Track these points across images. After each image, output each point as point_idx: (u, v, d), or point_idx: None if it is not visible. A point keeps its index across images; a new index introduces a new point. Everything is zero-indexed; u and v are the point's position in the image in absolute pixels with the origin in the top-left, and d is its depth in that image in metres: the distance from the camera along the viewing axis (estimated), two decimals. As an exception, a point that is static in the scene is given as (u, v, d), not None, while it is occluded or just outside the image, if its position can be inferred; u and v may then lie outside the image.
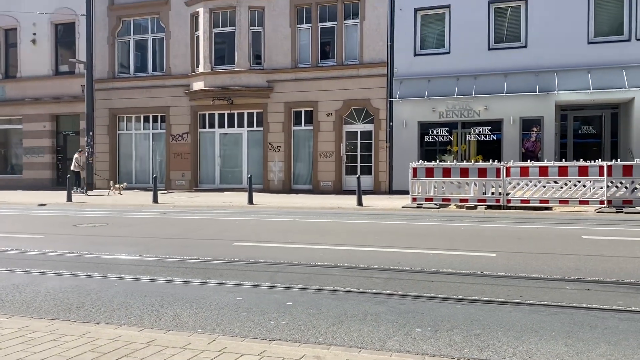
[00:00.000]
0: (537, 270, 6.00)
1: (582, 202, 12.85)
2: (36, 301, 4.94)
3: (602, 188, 12.66)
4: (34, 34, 23.14)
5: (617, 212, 12.34)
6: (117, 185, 19.68)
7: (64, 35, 23.26)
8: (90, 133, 21.54)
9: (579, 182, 12.88)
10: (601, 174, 12.64)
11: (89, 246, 8.10)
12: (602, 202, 12.65)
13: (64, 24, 23.02)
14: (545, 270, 5.97)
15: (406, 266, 6.26)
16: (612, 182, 12.65)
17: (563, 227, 10.08)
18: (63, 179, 22.32)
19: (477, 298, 4.86)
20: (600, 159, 14.79)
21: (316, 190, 19.57)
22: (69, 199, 16.78)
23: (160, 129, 22.04)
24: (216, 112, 21.12)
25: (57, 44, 23.30)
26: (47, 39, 23.04)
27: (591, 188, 12.81)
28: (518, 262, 6.51)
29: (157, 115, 22.03)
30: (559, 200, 12.98)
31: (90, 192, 20.31)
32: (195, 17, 20.92)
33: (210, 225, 10.66)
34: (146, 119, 22.34)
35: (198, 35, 20.79)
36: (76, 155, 20.58)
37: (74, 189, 19.56)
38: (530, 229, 9.79)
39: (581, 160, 13.46)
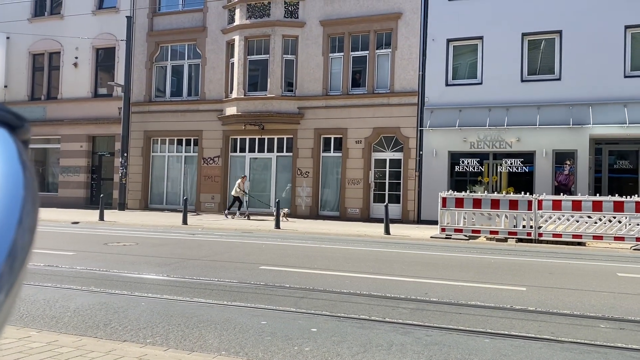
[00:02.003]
0: (570, 306, 5.82)
1: (617, 238, 12.47)
2: (65, 317, 5.03)
3: (638, 225, 12.27)
4: (76, 57, 24.04)
5: (654, 250, 11.93)
6: (283, 211, 17.91)
7: (104, 59, 24.11)
8: (125, 154, 22.07)
9: (614, 217, 12.51)
10: (637, 210, 12.27)
11: (118, 265, 8.22)
12: (638, 239, 12.24)
13: (104, 48, 23.87)
14: (578, 307, 5.78)
15: (433, 297, 6.15)
16: (649, 219, 12.26)
17: (597, 263, 9.78)
18: (97, 198, 22.80)
19: (506, 332, 4.73)
20: (636, 195, 14.36)
21: (343, 217, 19.51)
22: (101, 217, 17.12)
23: (193, 152, 22.44)
24: (247, 137, 21.43)
25: (97, 67, 24.15)
26: (88, 62, 23.91)
27: (627, 224, 12.43)
28: (549, 297, 6.32)
29: (190, 139, 22.47)
30: (593, 236, 12.63)
31: (252, 218, 19.12)
32: (230, 45, 21.43)
33: (237, 248, 10.71)
34: (179, 142, 22.80)
35: (233, 62, 21.26)
36: (239, 180, 19.61)
37: (235, 213, 19.04)
38: (562, 263, 9.53)
39: (616, 195, 13.10)
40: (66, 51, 24.24)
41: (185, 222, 16.28)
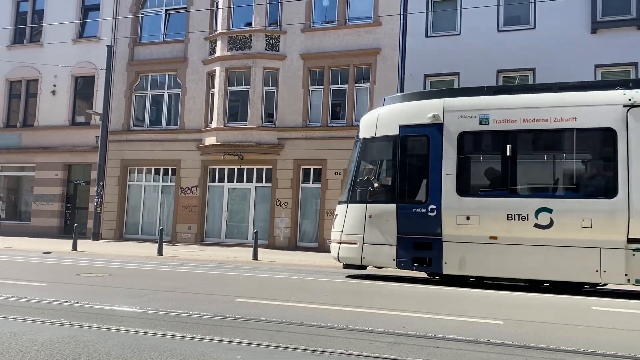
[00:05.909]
0: (546, 340, 5.83)
1: (591, 271, 12.59)
2: (32, 350, 4.85)
3: (612, 258, 12.43)
4: (54, 85, 23.88)
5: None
6: None
7: (83, 87, 23.99)
8: (101, 183, 21.77)
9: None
10: (611, 244, 12.45)
11: (90, 296, 8.00)
12: (612, 273, 12.39)
13: (83, 76, 23.78)
14: (555, 341, 5.79)
15: (411, 330, 6.11)
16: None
17: (572, 296, 9.87)
18: (70, 227, 22.33)
19: (483, 367, 4.71)
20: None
21: (322, 248, 19.41)
22: (75, 247, 16.73)
23: (170, 181, 22.25)
24: (226, 167, 21.37)
25: (75, 95, 23.99)
26: (67, 90, 23.75)
27: (601, 258, 12.58)
28: (526, 331, 6.33)
29: (168, 168, 22.30)
30: (568, 269, 12.73)
31: None
32: (211, 75, 21.56)
33: (213, 280, 10.54)
34: (157, 172, 22.61)
35: (213, 93, 21.35)
36: None
37: None
38: (538, 297, 9.59)
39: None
40: (44, 79, 24.07)
41: (160, 252, 16.01)
